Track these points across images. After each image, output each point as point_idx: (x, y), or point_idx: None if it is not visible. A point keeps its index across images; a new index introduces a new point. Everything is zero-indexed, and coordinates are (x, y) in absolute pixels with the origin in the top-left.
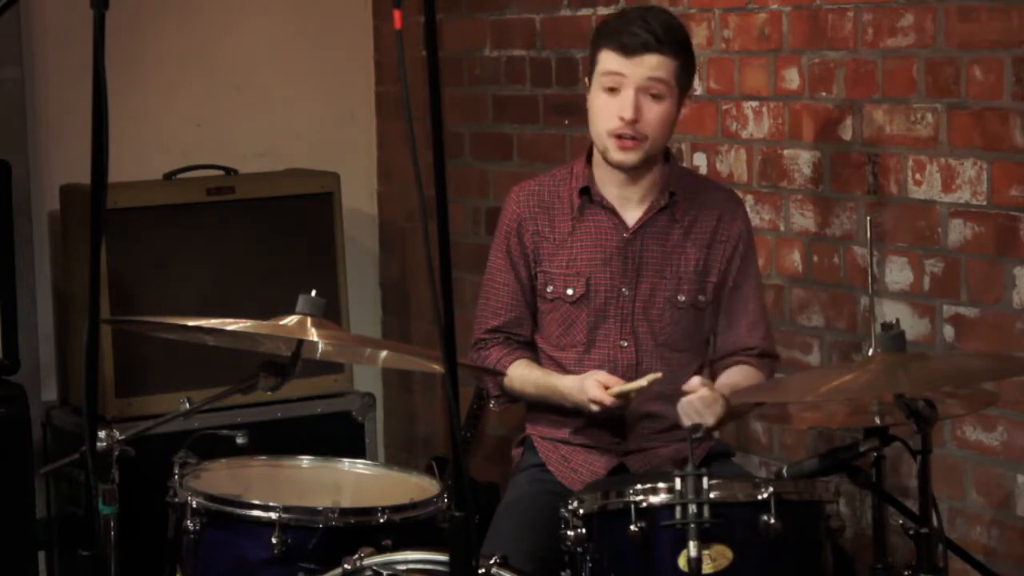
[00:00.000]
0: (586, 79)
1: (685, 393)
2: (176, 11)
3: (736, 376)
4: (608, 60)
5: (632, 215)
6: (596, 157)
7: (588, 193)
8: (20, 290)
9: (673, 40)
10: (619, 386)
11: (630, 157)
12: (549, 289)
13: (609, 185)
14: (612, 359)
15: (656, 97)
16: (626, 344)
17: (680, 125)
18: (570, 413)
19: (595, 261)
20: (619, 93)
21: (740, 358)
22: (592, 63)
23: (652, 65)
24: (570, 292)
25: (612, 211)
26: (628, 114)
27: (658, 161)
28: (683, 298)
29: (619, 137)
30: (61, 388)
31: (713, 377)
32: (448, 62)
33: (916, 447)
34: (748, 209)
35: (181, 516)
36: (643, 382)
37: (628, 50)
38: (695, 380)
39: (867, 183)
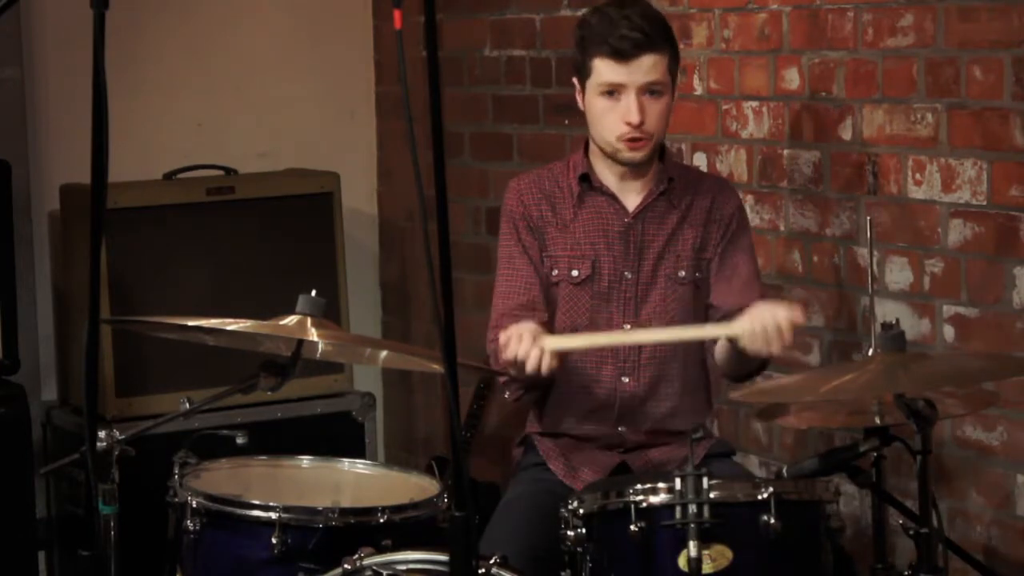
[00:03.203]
0: (575, 80)
1: (690, 366)
2: (176, 11)
3: None
4: (604, 69)
5: (632, 201)
6: (593, 149)
7: (588, 180)
8: (20, 290)
9: (661, 33)
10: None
11: (640, 154)
12: (554, 272)
13: (608, 174)
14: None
15: (656, 94)
16: (629, 328)
17: (680, 125)
18: (571, 407)
19: (599, 245)
20: (619, 98)
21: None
22: (583, 69)
23: (649, 67)
24: (575, 273)
25: (612, 197)
26: (635, 119)
27: (655, 151)
28: (683, 274)
29: (628, 140)
30: (61, 388)
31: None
32: (448, 62)
33: (916, 447)
34: (748, 209)
35: (181, 516)
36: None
37: (623, 56)
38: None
39: (867, 183)
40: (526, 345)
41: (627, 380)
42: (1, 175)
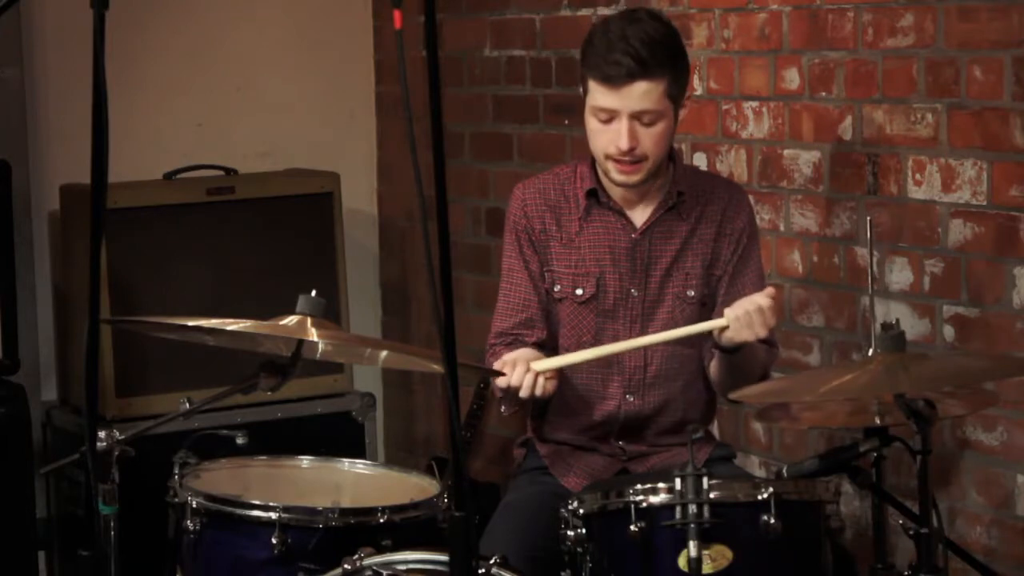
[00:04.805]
0: (580, 89)
1: (694, 384)
2: (176, 11)
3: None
4: (596, 93)
5: (640, 216)
6: None
7: (595, 195)
8: (20, 290)
9: (658, 59)
10: (551, 360)
11: (633, 179)
12: (557, 288)
13: (615, 188)
14: (620, 360)
15: (650, 122)
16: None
17: (680, 125)
18: (572, 421)
19: (604, 261)
20: (611, 123)
21: None
22: (583, 84)
23: (640, 95)
24: (580, 292)
25: (620, 212)
26: (624, 145)
27: (663, 164)
28: (692, 293)
29: (619, 163)
30: (61, 388)
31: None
32: (448, 62)
33: (916, 447)
34: None
35: (181, 516)
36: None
37: (614, 82)
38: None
39: (867, 183)
40: (519, 373)
41: (632, 399)
42: (1, 175)
